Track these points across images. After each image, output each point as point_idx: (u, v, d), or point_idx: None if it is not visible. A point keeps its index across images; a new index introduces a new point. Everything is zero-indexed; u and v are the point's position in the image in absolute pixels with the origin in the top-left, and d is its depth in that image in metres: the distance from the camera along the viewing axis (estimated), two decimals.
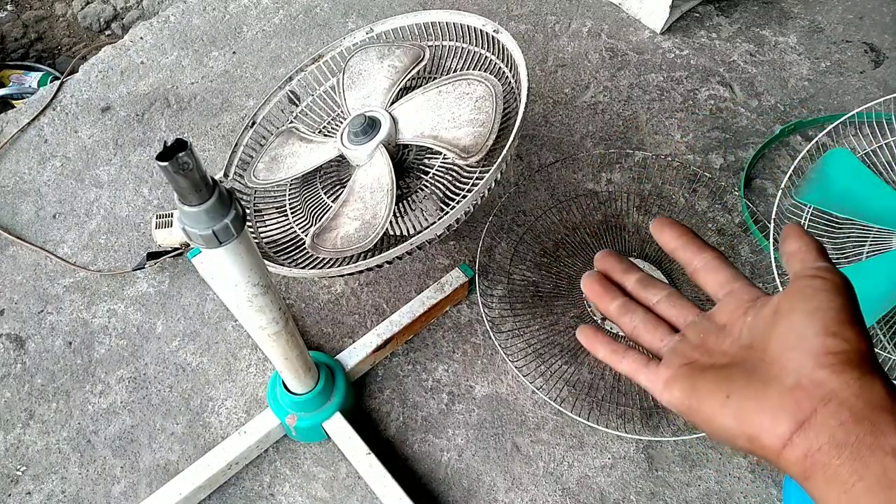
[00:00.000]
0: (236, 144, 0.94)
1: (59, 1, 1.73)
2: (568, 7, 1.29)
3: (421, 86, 0.86)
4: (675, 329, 0.39)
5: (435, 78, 0.91)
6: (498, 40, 0.86)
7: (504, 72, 0.87)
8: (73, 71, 1.22)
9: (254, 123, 0.95)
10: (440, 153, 0.81)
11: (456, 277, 0.90)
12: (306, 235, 0.83)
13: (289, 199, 0.91)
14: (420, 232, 0.74)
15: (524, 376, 0.84)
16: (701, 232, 0.97)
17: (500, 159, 0.71)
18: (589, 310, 0.89)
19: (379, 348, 0.86)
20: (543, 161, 1.07)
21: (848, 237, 0.89)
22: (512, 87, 0.85)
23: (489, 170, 0.72)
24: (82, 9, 1.73)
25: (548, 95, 1.16)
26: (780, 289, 0.74)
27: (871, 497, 0.28)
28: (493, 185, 0.72)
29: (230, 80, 1.20)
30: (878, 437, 0.28)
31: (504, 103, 0.81)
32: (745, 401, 0.32)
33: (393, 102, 0.86)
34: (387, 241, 0.81)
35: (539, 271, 0.94)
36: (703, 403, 0.34)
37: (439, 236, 0.72)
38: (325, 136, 0.93)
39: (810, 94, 1.15)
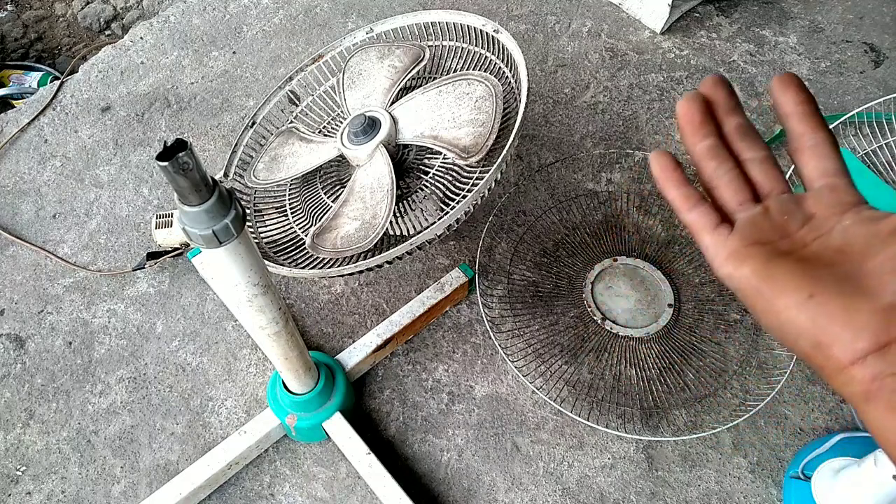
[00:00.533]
0: (236, 144, 0.94)
1: (59, 1, 1.73)
2: (568, 7, 1.29)
3: (421, 86, 0.86)
4: (757, 199, 0.35)
5: (435, 78, 0.91)
6: (498, 40, 0.86)
7: (504, 72, 0.87)
8: (73, 71, 1.22)
9: (254, 123, 0.95)
10: (440, 153, 0.81)
11: (456, 277, 0.90)
12: (306, 235, 0.83)
13: (289, 199, 0.91)
14: (420, 232, 0.74)
15: (524, 376, 0.84)
16: None
17: (500, 159, 0.71)
18: (589, 310, 0.89)
19: (379, 348, 0.86)
20: (543, 161, 1.07)
21: None
22: (512, 87, 0.85)
23: (489, 170, 0.72)
24: (82, 9, 1.73)
25: (548, 95, 1.16)
26: None
27: None
28: (493, 185, 0.72)
29: (230, 80, 1.20)
30: None
31: (504, 103, 0.81)
32: (829, 306, 0.30)
33: (393, 102, 0.86)
34: (387, 241, 0.81)
35: (539, 271, 0.94)
36: (779, 294, 0.31)
37: (439, 236, 0.72)
38: (325, 136, 0.93)
39: None
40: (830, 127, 0.97)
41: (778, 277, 0.32)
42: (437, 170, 0.82)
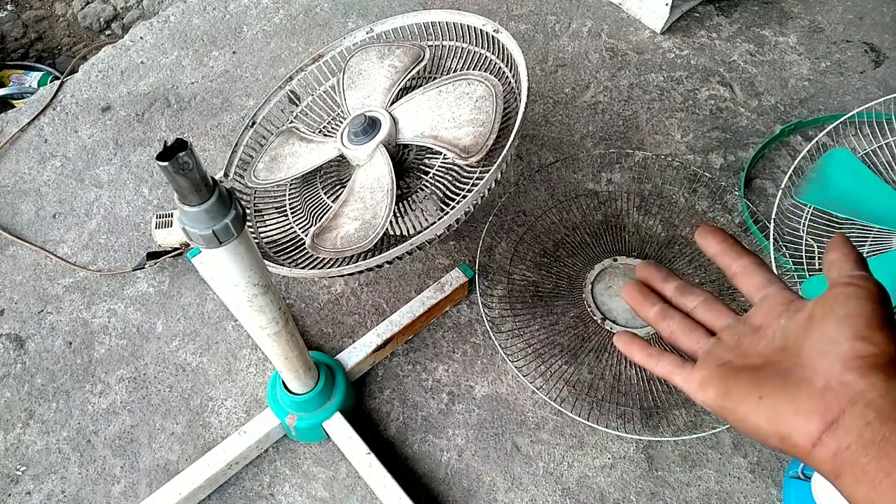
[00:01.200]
0: (236, 144, 0.94)
1: (59, 1, 1.73)
2: (568, 7, 1.29)
3: (421, 86, 0.86)
4: (711, 333, 0.41)
5: (435, 78, 0.91)
6: (498, 40, 0.86)
7: (504, 72, 0.87)
8: (73, 71, 1.22)
9: (254, 123, 0.95)
10: (440, 153, 0.81)
11: (456, 277, 0.90)
12: (306, 235, 0.83)
13: (289, 199, 0.91)
14: (420, 232, 0.74)
15: (524, 376, 0.84)
16: None
17: (500, 159, 0.71)
18: (589, 310, 0.89)
19: (379, 348, 0.86)
20: (543, 161, 1.07)
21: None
22: (512, 87, 0.85)
23: (489, 170, 0.72)
24: (82, 9, 1.73)
25: (548, 95, 1.16)
26: None
27: None
28: (493, 185, 0.72)
29: (230, 79, 1.20)
30: None
31: (504, 103, 0.81)
32: (777, 402, 0.33)
33: (393, 102, 0.86)
34: (387, 241, 0.81)
35: (539, 271, 0.94)
36: (738, 404, 0.35)
37: (439, 236, 0.72)
38: (325, 136, 0.93)
39: (810, 94, 1.15)
40: (830, 128, 0.96)
41: (733, 390, 0.36)
42: (437, 170, 0.82)
